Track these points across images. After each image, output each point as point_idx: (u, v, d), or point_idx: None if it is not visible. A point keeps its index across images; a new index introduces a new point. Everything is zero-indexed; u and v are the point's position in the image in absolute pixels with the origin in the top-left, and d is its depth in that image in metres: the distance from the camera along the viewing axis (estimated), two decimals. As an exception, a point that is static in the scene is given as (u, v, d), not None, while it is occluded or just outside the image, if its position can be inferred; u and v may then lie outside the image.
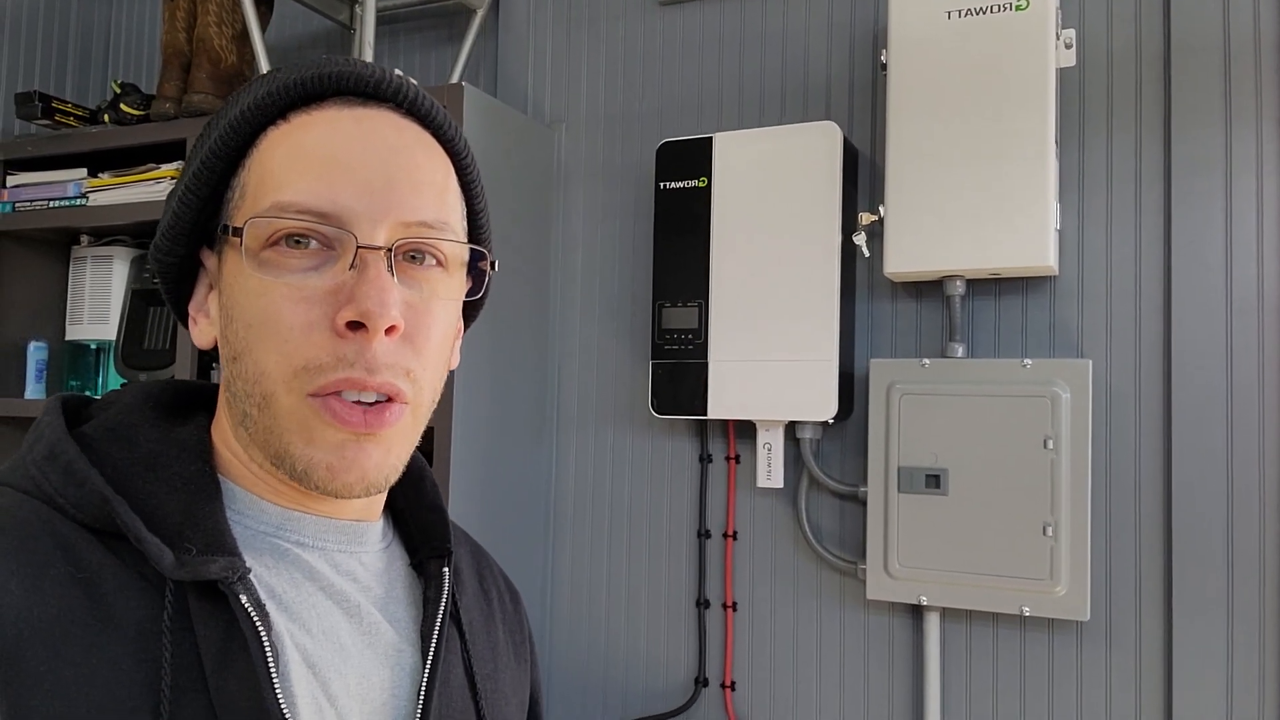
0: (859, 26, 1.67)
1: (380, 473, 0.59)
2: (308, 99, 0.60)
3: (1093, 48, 1.51)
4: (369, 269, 0.56)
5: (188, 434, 0.61)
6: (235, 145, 0.60)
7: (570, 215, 1.89)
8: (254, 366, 0.57)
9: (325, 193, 0.57)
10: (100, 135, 1.92)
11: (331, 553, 0.63)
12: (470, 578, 0.74)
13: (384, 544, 0.68)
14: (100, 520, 0.55)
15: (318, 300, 0.56)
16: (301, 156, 0.58)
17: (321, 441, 0.57)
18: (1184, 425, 1.41)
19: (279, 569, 0.60)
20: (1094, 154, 1.50)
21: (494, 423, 1.68)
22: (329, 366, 0.56)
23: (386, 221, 0.57)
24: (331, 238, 0.57)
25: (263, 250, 0.57)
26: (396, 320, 0.56)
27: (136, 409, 0.62)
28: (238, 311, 0.58)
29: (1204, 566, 1.39)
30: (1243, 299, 1.39)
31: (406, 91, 0.61)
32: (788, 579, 1.66)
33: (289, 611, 0.58)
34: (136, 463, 0.58)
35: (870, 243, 1.59)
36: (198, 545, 0.55)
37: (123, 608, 0.53)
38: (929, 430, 1.48)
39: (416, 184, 0.59)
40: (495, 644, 0.72)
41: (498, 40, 1.97)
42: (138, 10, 2.43)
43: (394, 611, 0.65)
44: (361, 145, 0.58)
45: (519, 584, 1.76)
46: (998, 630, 1.51)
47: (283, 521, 0.61)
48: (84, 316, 2.04)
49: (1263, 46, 1.40)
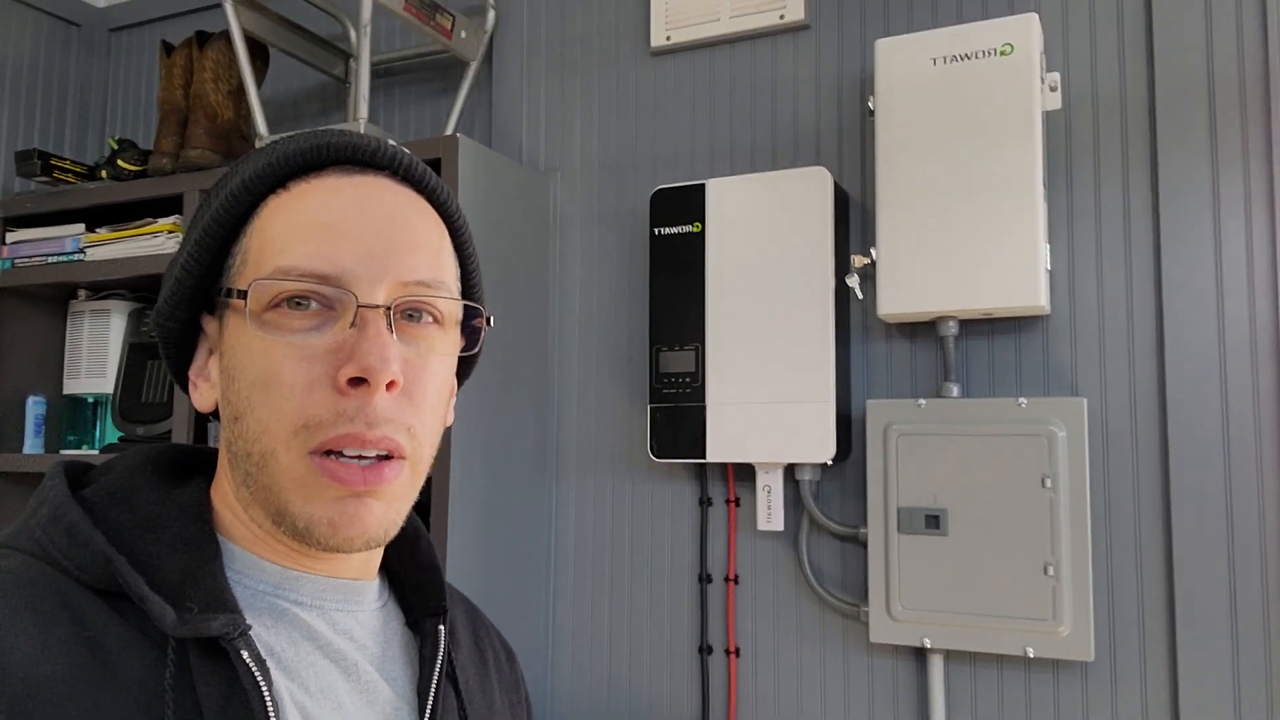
0: (846, 74, 1.70)
1: (381, 527, 0.60)
2: (307, 168, 0.62)
3: (1078, 90, 1.53)
4: (369, 326, 0.58)
5: (187, 495, 0.62)
6: (237, 214, 0.62)
7: (566, 262, 1.90)
8: (255, 425, 0.58)
9: (326, 256, 0.59)
10: (98, 191, 1.94)
11: (329, 611, 0.64)
12: (466, 637, 0.75)
13: (380, 603, 0.69)
14: (104, 581, 0.56)
15: (319, 358, 0.58)
16: (302, 223, 0.60)
17: (320, 498, 0.58)
18: (1181, 461, 1.42)
19: (277, 628, 0.60)
20: (1082, 194, 1.52)
21: (493, 470, 1.68)
22: (329, 423, 0.57)
23: (385, 281, 0.59)
24: (332, 298, 0.59)
25: (265, 312, 0.59)
26: (397, 375, 0.58)
27: (137, 472, 0.63)
28: (240, 371, 0.59)
29: (1206, 603, 1.39)
30: (1235, 335, 1.41)
31: (401, 159, 0.64)
32: (790, 623, 1.65)
33: (287, 670, 0.59)
34: (138, 524, 0.59)
35: (863, 285, 1.60)
36: (199, 603, 0.56)
37: (126, 666, 0.54)
38: (927, 470, 1.48)
39: (413, 245, 0.61)
40: (491, 703, 0.73)
41: (491, 92, 2.00)
42: (134, 67, 2.47)
43: (391, 670, 0.65)
44: (360, 210, 0.60)
45: (520, 632, 1.75)
46: (1002, 672, 1.50)
47: (281, 581, 0.62)
48: (81, 370, 2.05)
49: (1247, 85, 1.42)
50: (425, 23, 1.77)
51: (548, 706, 1.82)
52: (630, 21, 1.89)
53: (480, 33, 1.94)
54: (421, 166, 0.65)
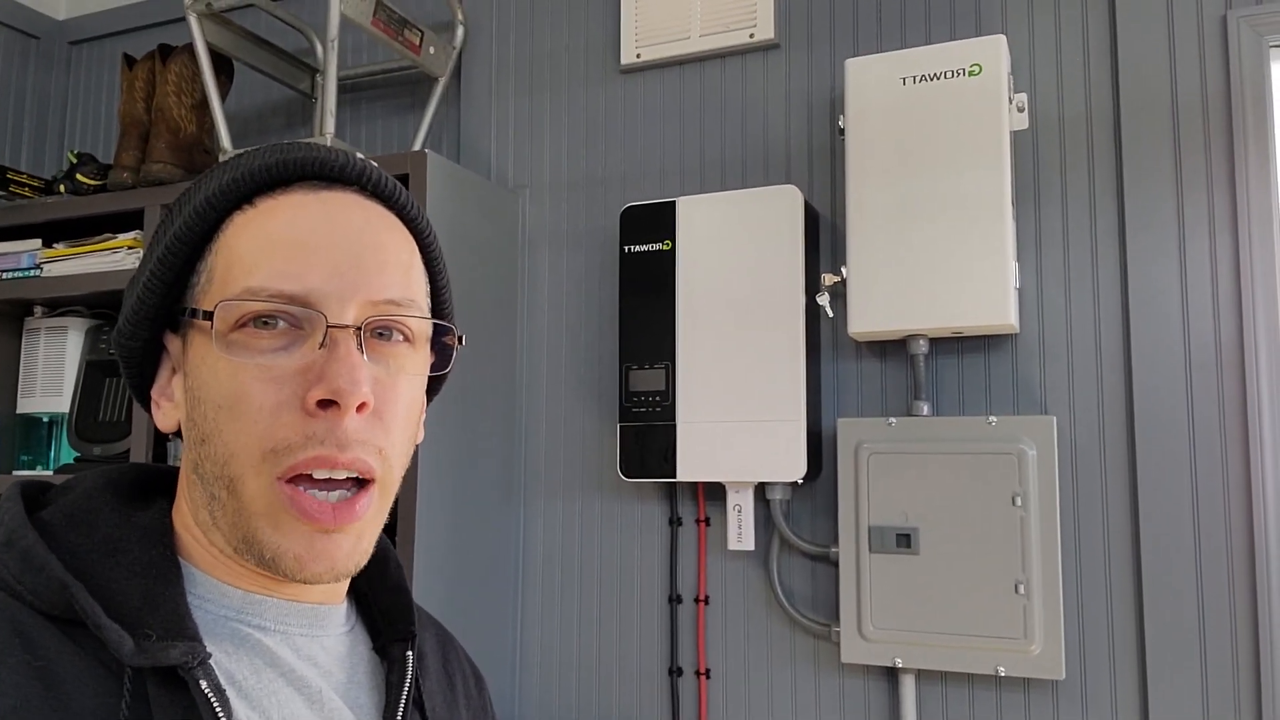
0: (817, 93, 1.70)
1: (350, 560, 0.59)
2: (273, 184, 0.61)
3: (1044, 111, 1.55)
4: (339, 347, 0.57)
5: (148, 519, 0.61)
6: (201, 230, 0.60)
7: (535, 280, 1.89)
8: (223, 449, 0.57)
9: (294, 275, 0.57)
10: (56, 205, 1.90)
11: (294, 637, 0.62)
12: (434, 661, 0.74)
13: (347, 627, 0.67)
14: (59, 607, 0.54)
15: (287, 380, 0.56)
16: (269, 241, 0.58)
17: (289, 530, 0.57)
18: (1149, 478, 1.42)
19: (239, 655, 0.59)
20: (1050, 213, 1.53)
21: (460, 490, 1.65)
22: (298, 445, 0.56)
23: (355, 300, 0.58)
24: (300, 318, 0.57)
25: (231, 332, 0.57)
26: (367, 397, 0.57)
27: (96, 494, 0.61)
28: (206, 393, 0.58)
29: (1175, 619, 1.39)
30: (1201, 352, 1.42)
31: (370, 174, 0.63)
32: (761, 643, 1.64)
33: (249, 699, 0.57)
34: (95, 548, 0.57)
35: (833, 303, 1.60)
36: (157, 631, 0.54)
37: (80, 696, 0.52)
38: (898, 489, 1.48)
39: (382, 263, 0.60)
40: None
41: (460, 108, 1.98)
42: (95, 80, 2.42)
43: (356, 697, 0.64)
44: (328, 227, 0.59)
45: (488, 654, 1.72)
46: (974, 691, 1.50)
47: (244, 605, 0.61)
48: (36, 389, 1.99)
49: (1210, 108, 1.44)
50: (393, 38, 1.75)
51: (515, 731, 1.79)
52: (600, 39, 1.88)
53: (449, 49, 1.93)
54: (391, 181, 0.64)
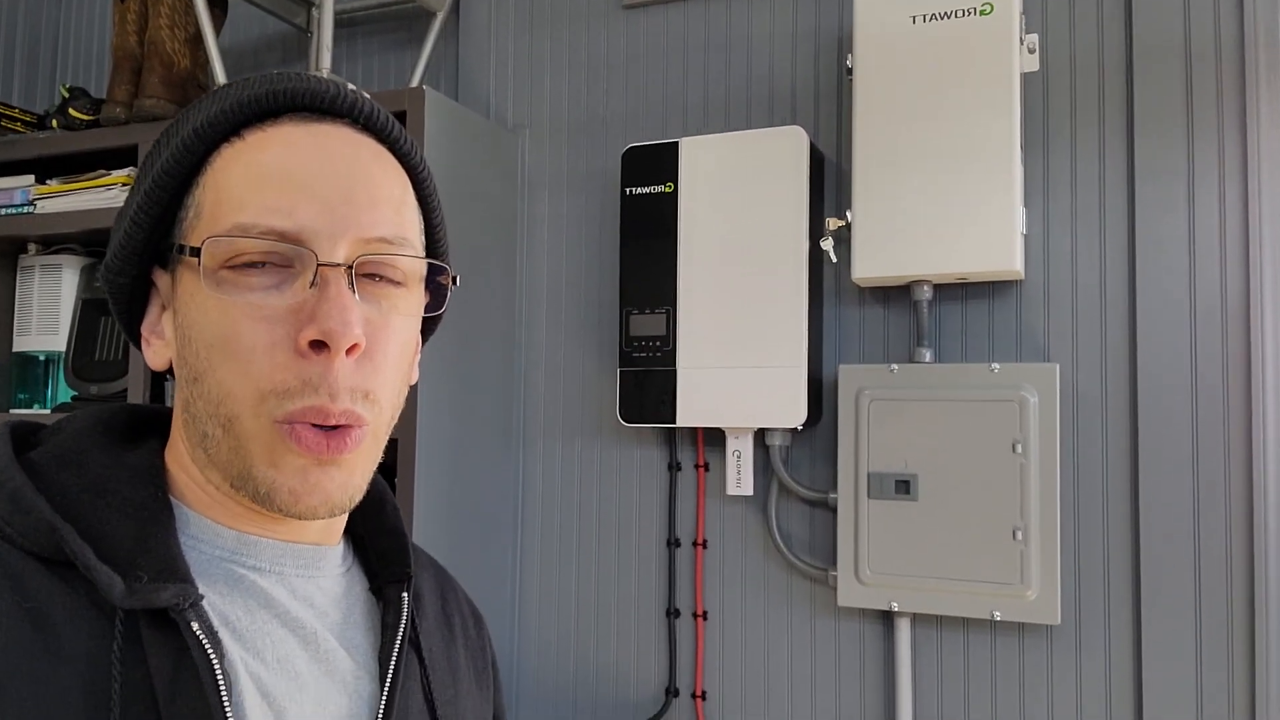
0: (824, 31, 1.67)
1: (344, 494, 0.59)
2: (262, 115, 0.59)
3: (1056, 52, 1.51)
4: (330, 286, 0.56)
5: (139, 458, 0.60)
6: (189, 163, 0.59)
7: (535, 222, 1.86)
8: (217, 388, 0.56)
9: (284, 211, 0.56)
10: (48, 141, 1.86)
11: (289, 578, 0.62)
12: (432, 602, 0.73)
13: (344, 568, 0.67)
14: (48, 549, 0.54)
15: (279, 319, 0.55)
16: (259, 175, 0.57)
17: (285, 466, 0.56)
18: (1150, 428, 1.42)
19: (233, 596, 0.58)
20: (1058, 158, 1.50)
21: (459, 434, 1.65)
22: (295, 391, 0.55)
23: (346, 238, 0.57)
24: (291, 256, 0.56)
25: (220, 269, 0.56)
26: (359, 338, 0.56)
27: (86, 434, 0.60)
28: (196, 332, 0.57)
29: (1171, 568, 1.40)
30: (1206, 301, 1.40)
31: (362, 106, 0.61)
32: (758, 587, 1.65)
33: (243, 640, 0.57)
34: (86, 489, 0.57)
35: (837, 248, 1.58)
36: (149, 572, 0.54)
37: (72, 638, 0.52)
38: (898, 436, 1.47)
39: (374, 200, 0.59)
40: (456, 669, 0.72)
41: (458, 44, 1.94)
42: (87, 12, 2.37)
43: (352, 638, 0.64)
44: (319, 162, 0.58)
45: (487, 597, 1.73)
46: (969, 636, 1.51)
47: (238, 546, 0.60)
48: (32, 327, 1.98)
49: (1223, 51, 1.41)
50: (390, -30, 1.71)
51: (515, 671, 1.80)
52: (603, -26, 1.83)
53: (448, -18, 1.88)
54: (383, 114, 0.62)
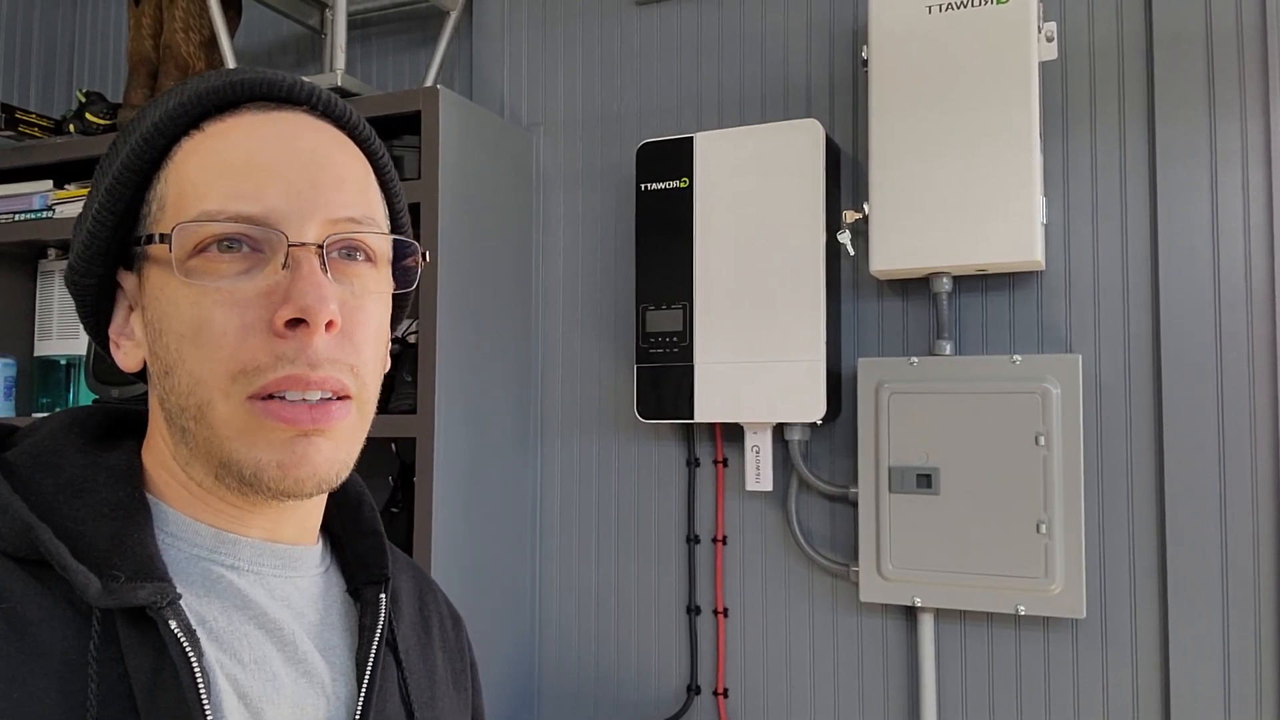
0: (839, 23, 1.65)
1: (332, 468, 0.58)
2: (221, 107, 0.59)
3: (1074, 40, 1.50)
4: (302, 266, 0.56)
5: (116, 458, 0.60)
6: (149, 158, 0.59)
7: (550, 219, 1.86)
8: (187, 377, 0.56)
9: (251, 196, 0.56)
10: (66, 146, 1.87)
11: (267, 577, 0.62)
12: (410, 604, 0.73)
13: (321, 568, 0.67)
14: (24, 549, 0.53)
15: (252, 303, 0.55)
16: (222, 163, 0.57)
17: (266, 442, 0.56)
18: (1175, 418, 1.40)
19: (209, 598, 0.58)
20: (1078, 147, 1.49)
21: (477, 431, 1.65)
22: (268, 366, 0.55)
23: (315, 219, 0.57)
24: (261, 240, 0.56)
25: (190, 259, 0.56)
26: (335, 315, 0.56)
27: (61, 434, 0.60)
28: (167, 324, 0.57)
29: (1198, 560, 1.38)
30: (1231, 289, 1.39)
31: (319, 94, 0.62)
32: (779, 583, 1.64)
33: (219, 641, 0.57)
34: (62, 489, 0.57)
35: (855, 241, 1.57)
36: (126, 572, 0.53)
37: (48, 638, 0.51)
38: (919, 429, 1.46)
39: (340, 181, 0.59)
40: (434, 672, 0.71)
41: (472, 43, 1.94)
42: (102, 18, 2.38)
43: (329, 639, 0.64)
44: (281, 147, 0.58)
45: (506, 594, 1.73)
46: (993, 630, 1.50)
47: (217, 545, 0.60)
48: (53, 332, 1.99)
49: (1245, 35, 1.39)
50: (403, -30, 1.70)
51: (535, 668, 1.80)
52: (615, -30, 1.83)
53: (460, -19, 1.88)
54: (340, 102, 0.63)
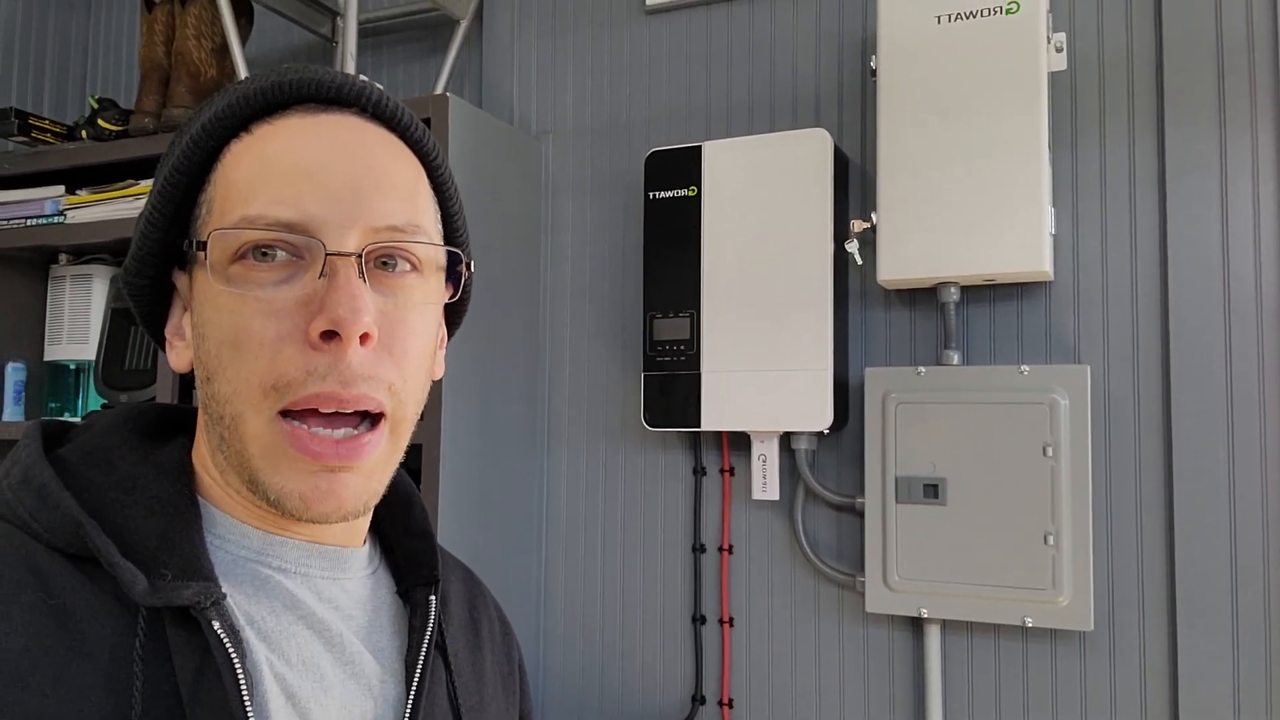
0: (847, 33, 1.66)
1: (359, 501, 0.57)
2: (269, 109, 0.59)
3: (1084, 51, 1.50)
4: (339, 275, 0.55)
5: (167, 456, 0.60)
6: (199, 161, 0.59)
7: (558, 227, 1.86)
8: (226, 386, 0.56)
9: (291, 202, 0.55)
10: (78, 151, 1.89)
11: (314, 579, 0.61)
12: (459, 606, 0.73)
13: (370, 570, 0.66)
14: (74, 545, 0.53)
15: (288, 313, 0.55)
16: (265, 167, 0.56)
17: (291, 471, 0.55)
18: (1184, 430, 1.40)
19: (258, 597, 0.58)
20: (1087, 158, 1.48)
21: (484, 439, 1.65)
22: (299, 382, 0.54)
23: (355, 227, 0.56)
24: (300, 247, 0.55)
25: (230, 265, 0.56)
26: (370, 328, 0.54)
27: (115, 431, 0.61)
28: (209, 329, 0.57)
29: (1207, 573, 1.37)
30: (1240, 301, 1.38)
31: (370, 94, 0.60)
32: (785, 593, 1.64)
33: (268, 640, 0.57)
34: (113, 486, 0.57)
35: (863, 250, 1.57)
36: (173, 570, 0.53)
37: (96, 635, 0.51)
38: (926, 439, 1.46)
39: (384, 188, 0.58)
40: (482, 675, 0.71)
41: (482, 51, 1.95)
42: (115, 24, 2.40)
43: (378, 641, 0.63)
44: (326, 151, 0.57)
45: (512, 602, 1.73)
46: (1000, 642, 1.49)
47: (264, 546, 0.60)
48: (63, 336, 2.00)
49: (1256, 46, 1.39)
50: (414, -22, 1.71)
51: (541, 676, 1.80)
52: (625, -21, 1.83)
53: (471, -10, 1.89)
54: (393, 101, 0.61)
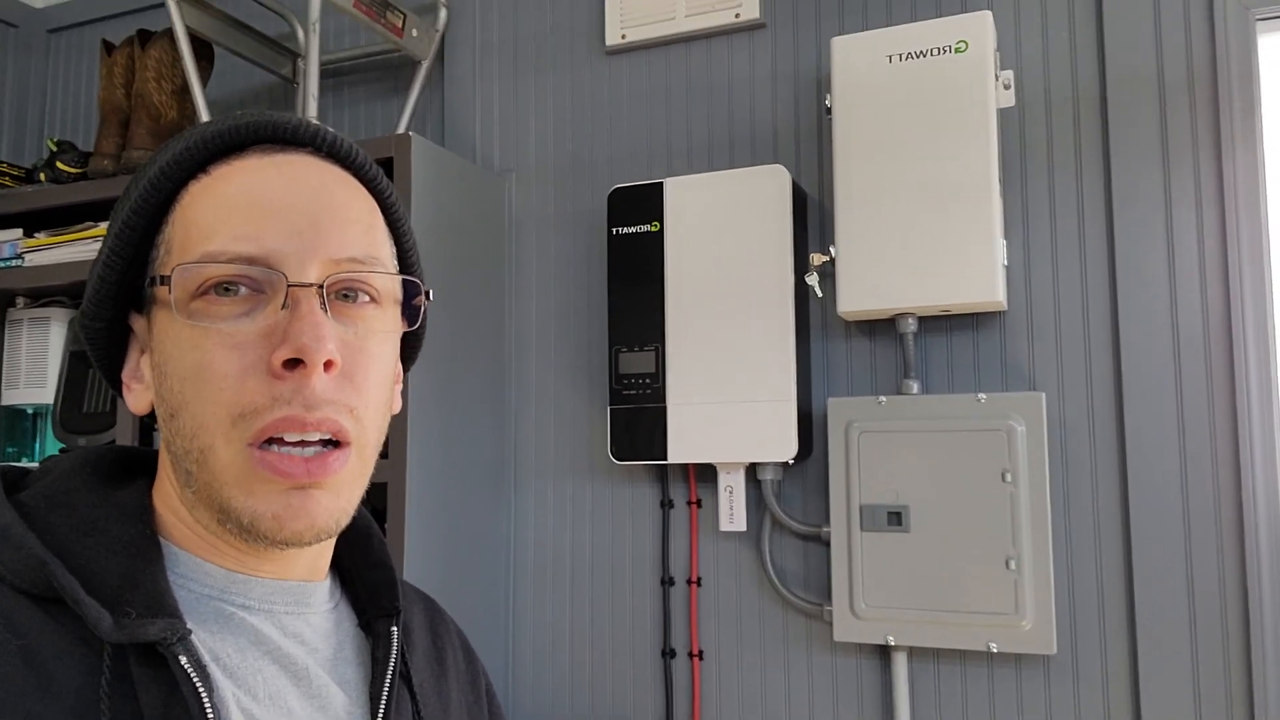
0: (803, 72, 1.70)
1: (331, 518, 0.58)
2: (227, 150, 0.60)
3: (1031, 88, 1.54)
4: (301, 306, 0.56)
5: (127, 497, 0.60)
6: (156, 202, 0.60)
7: (523, 264, 1.88)
8: (191, 421, 0.56)
9: (252, 237, 0.57)
10: (36, 194, 1.87)
11: (278, 615, 0.62)
12: (422, 636, 0.73)
13: (331, 604, 0.67)
14: (38, 585, 0.54)
15: (251, 345, 0.56)
16: (225, 205, 0.58)
17: (263, 493, 0.56)
18: (1138, 454, 1.43)
19: (223, 634, 0.58)
20: (1037, 191, 1.53)
21: (450, 475, 1.65)
22: (265, 407, 0.55)
23: (316, 260, 0.57)
24: (261, 280, 0.57)
25: (192, 301, 0.57)
26: (334, 354, 0.56)
27: (74, 475, 0.61)
28: (171, 366, 0.58)
29: (1165, 594, 1.40)
30: (1188, 327, 1.42)
31: (324, 135, 0.62)
32: (754, 624, 1.64)
33: (234, 676, 0.57)
34: (75, 527, 0.57)
35: (822, 283, 1.60)
36: (137, 608, 0.54)
37: (62, 674, 0.52)
38: (889, 467, 1.48)
39: (343, 221, 0.59)
40: (448, 703, 0.71)
41: (444, 91, 1.97)
42: (74, 68, 2.39)
43: (343, 673, 0.64)
44: (285, 188, 0.58)
45: (480, 637, 1.71)
46: (966, 668, 1.50)
47: (227, 584, 0.60)
48: (20, 380, 1.97)
49: (1196, 81, 1.44)
50: (375, 20, 1.73)
51: (510, 713, 1.78)
52: (584, 20, 1.87)
53: (432, 31, 1.91)
54: (346, 142, 0.63)
